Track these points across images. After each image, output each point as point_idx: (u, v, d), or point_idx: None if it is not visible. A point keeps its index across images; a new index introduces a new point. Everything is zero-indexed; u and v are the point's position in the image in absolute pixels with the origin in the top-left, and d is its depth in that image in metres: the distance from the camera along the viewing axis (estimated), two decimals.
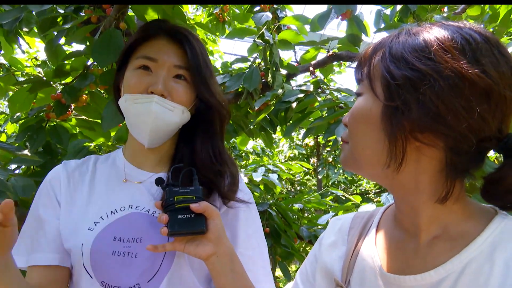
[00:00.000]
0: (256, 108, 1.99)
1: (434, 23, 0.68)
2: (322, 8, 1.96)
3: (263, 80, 2.10)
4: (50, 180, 1.02)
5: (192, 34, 1.03)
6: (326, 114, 1.80)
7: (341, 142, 0.77)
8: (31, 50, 3.58)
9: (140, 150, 1.03)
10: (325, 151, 7.16)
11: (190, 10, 4.15)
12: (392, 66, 0.63)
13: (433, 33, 0.64)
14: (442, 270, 0.63)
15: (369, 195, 7.85)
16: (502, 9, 2.01)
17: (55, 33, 1.46)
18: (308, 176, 8.46)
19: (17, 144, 1.74)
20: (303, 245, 2.79)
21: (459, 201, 0.67)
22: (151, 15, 1.35)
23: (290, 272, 2.45)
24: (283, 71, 2.17)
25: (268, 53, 2.02)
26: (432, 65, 0.60)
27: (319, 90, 1.91)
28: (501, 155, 0.66)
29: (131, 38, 1.04)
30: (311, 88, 1.91)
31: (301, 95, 1.89)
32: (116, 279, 0.89)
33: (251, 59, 2.20)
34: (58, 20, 1.57)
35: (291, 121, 2.04)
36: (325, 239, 0.88)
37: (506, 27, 2.02)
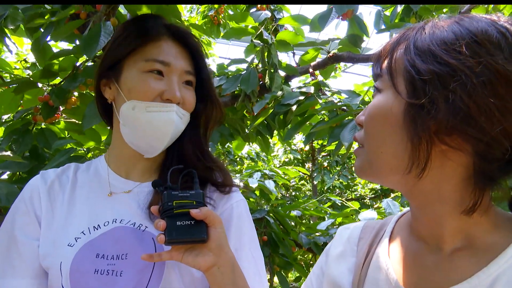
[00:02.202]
0: (255, 112, 1.92)
1: (464, 15, 0.61)
2: (319, 9, 1.90)
3: (261, 82, 2.03)
4: (28, 195, 0.92)
5: (195, 37, 0.97)
6: (328, 117, 1.73)
7: (355, 144, 0.70)
8: (20, 53, 3.49)
9: (130, 158, 0.95)
10: (320, 156, 7.11)
11: (184, 12, 4.08)
12: (418, 60, 0.57)
13: (464, 25, 0.57)
14: (468, 285, 0.57)
15: (365, 200, 7.81)
16: (507, 9, 1.97)
17: (42, 30, 1.38)
18: (303, 181, 8.41)
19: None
20: (301, 253, 2.72)
21: (486, 212, 0.60)
22: (144, 11, 1.28)
23: (288, 281, 2.37)
24: (282, 73, 2.10)
25: (266, 53, 1.96)
26: (464, 60, 0.53)
27: (320, 92, 1.84)
28: None
29: (128, 34, 0.93)
30: (312, 90, 1.85)
31: (301, 98, 1.82)
32: None
33: (248, 60, 2.13)
34: (46, 17, 1.49)
35: (290, 125, 1.97)
36: (332, 249, 0.81)
37: None
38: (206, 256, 0.74)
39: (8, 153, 1.28)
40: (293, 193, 8.17)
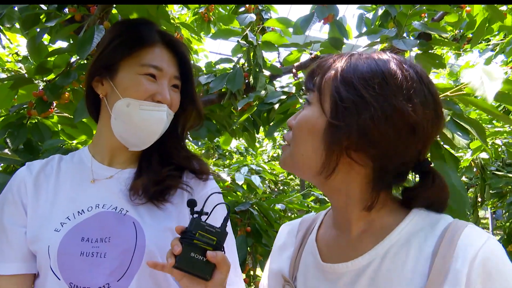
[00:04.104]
0: (239, 108, 2.01)
1: (383, 52, 0.77)
2: (307, 10, 1.99)
3: (247, 81, 2.13)
4: (16, 186, 1.00)
5: (183, 44, 1.08)
6: None
7: (284, 143, 0.84)
8: (11, 45, 3.52)
9: (116, 149, 1.04)
10: None
11: (175, 9, 4.13)
12: (342, 89, 0.71)
13: (380, 64, 0.72)
14: (368, 256, 0.73)
15: None
16: (479, 17, 2.08)
17: (38, 29, 1.46)
18: (291, 176, 8.51)
19: None
20: None
21: (384, 203, 0.77)
22: (135, 15, 1.36)
23: None
24: (267, 72, 2.19)
25: (251, 54, 2.05)
26: (374, 95, 0.69)
27: (301, 92, 1.94)
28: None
29: (124, 39, 1.01)
30: (294, 89, 1.95)
31: (284, 97, 1.92)
32: (85, 280, 0.89)
33: (235, 60, 2.22)
34: (41, 17, 1.56)
35: (273, 122, 2.07)
36: (276, 243, 0.97)
37: (482, 34, 2.09)
38: None
39: (6, 151, 1.36)
40: (281, 188, 8.27)
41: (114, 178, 1.02)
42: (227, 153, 6.69)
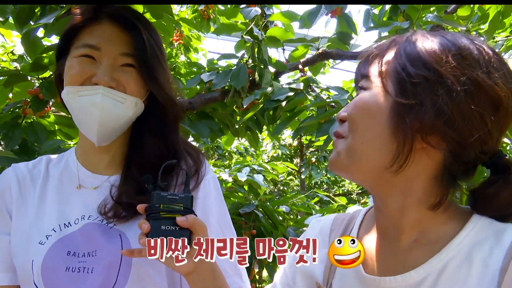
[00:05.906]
0: (244, 106, 1.93)
1: (447, 32, 0.67)
2: (308, 7, 1.92)
3: (251, 78, 2.05)
4: (0, 191, 0.92)
5: (141, 18, 0.93)
6: (317, 113, 1.75)
7: (334, 138, 0.73)
8: (7, 44, 3.44)
9: (92, 149, 0.95)
10: (309, 151, 7.16)
11: (174, 6, 4.07)
12: (408, 64, 0.62)
13: (449, 39, 0.63)
14: (422, 270, 0.63)
15: (352, 196, 7.89)
16: (492, 10, 2.01)
17: (32, 23, 1.38)
18: (291, 177, 8.45)
19: None
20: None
21: (443, 207, 0.67)
22: (137, 5, 1.29)
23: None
24: (272, 69, 2.12)
25: (256, 49, 1.97)
26: (450, 69, 0.60)
27: (309, 88, 1.86)
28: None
29: (70, 22, 0.91)
30: (301, 86, 1.87)
31: (291, 94, 1.84)
32: None
33: (238, 56, 2.14)
34: (36, 10, 1.48)
35: (279, 121, 1.99)
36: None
37: (495, 28, 2.03)
38: (187, 261, 0.72)
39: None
40: (281, 188, 8.21)
41: (100, 188, 0.93)
42: (226, 154, 6.63)
